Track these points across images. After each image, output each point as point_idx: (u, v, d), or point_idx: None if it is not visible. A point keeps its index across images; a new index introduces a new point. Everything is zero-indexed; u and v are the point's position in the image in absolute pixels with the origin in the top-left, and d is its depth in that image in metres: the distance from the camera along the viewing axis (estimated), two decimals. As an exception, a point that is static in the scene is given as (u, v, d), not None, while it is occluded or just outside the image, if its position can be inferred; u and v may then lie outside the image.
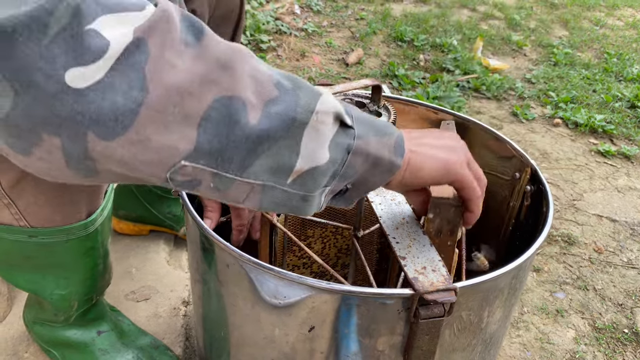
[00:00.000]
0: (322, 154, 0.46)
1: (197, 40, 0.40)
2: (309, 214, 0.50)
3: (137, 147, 0.39)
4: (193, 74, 0.39)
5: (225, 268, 0.60)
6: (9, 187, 0.66)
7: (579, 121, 2.03)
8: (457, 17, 3.11)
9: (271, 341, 0.61)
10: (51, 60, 0.35)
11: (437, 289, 0.52)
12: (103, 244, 0.78)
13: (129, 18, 0.38)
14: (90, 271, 0.78)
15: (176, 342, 0.94)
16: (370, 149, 0.49)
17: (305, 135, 0.44)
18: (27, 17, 0.35)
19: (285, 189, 0.46)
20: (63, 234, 0.71)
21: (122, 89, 0.37)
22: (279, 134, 0.43)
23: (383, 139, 0.50)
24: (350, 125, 0.48)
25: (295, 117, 0.43)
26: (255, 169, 0.44)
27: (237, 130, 0.41)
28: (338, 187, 0.50)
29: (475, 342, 0.62)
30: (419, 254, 0.57)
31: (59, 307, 0.79)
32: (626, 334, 1.17)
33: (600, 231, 1.49)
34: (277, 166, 0.44)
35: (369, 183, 0.52)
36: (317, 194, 0.48)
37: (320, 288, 0.54)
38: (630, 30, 3.26)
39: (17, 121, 0.37)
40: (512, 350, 1.10)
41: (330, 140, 0.46)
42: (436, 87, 2.16)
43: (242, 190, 0.45)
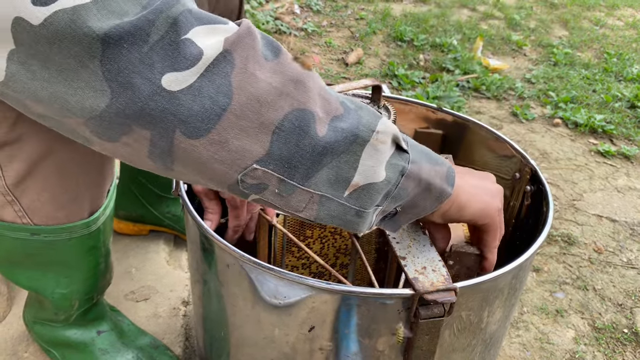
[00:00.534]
0: (379, 172, 0.49)
1: (274, 56, 0.44)
2: (361, 230, 0.52)
3: (217, 147, 0.43)
4: (271, 86, 0.43)
5: (225, 268, 0.60)
6: (13, 185, 0.66)
7: (579, 121, 2.04)
8: (457, 16, 3.11)
9: (271, 341, 0.61)
10: (150, 65, 0.40)
11: (437, 289, 0.52)
12: (105, 243, 0.78)
13: (219, 30, 0.42)
14: (91, 270, 0.78)
15: (176, 342, 0.94)
16: (423, 174, 0.52)
17: (365, 153, 0.48)
18: (132, 26, 0.39)
19: (342, 202, 0.49)
20: (65, 232, 0.71)
21: (210, 94, 0.41)
22: (342, 149, 0.46)
23: (435, 167, 0.53)
24: (406, 149, 0.51)
25: (358, 134, 0.47)
26: (317, 180, 0.47)
27: (306, 141, 0.45)
28: (389, 208, 0.53)
29: (475, 342, 0.62)
30: (419, 254, 0.57)
31: (59, 306, 0.79)
32: (626, 334, 1.17)
33: (600, 231, 1.49)
34: (336, 179, 0.47)
35: (418, 208, 0.54)
36: (370, 211, 0.51)
37: (320, 288, 0.54)
38: (630, 30, 3.26)
39: (110, 117, 0.41)
40: (512, 350, 1.10)
41: (387, 160, 0.49)
42: (436, 87, 2.16)
43: (302, 199, 0.48)
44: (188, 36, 0.41)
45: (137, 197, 1.13)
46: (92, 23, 0.38)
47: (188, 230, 0.70)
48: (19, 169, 0.64)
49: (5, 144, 0.62)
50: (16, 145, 0.63)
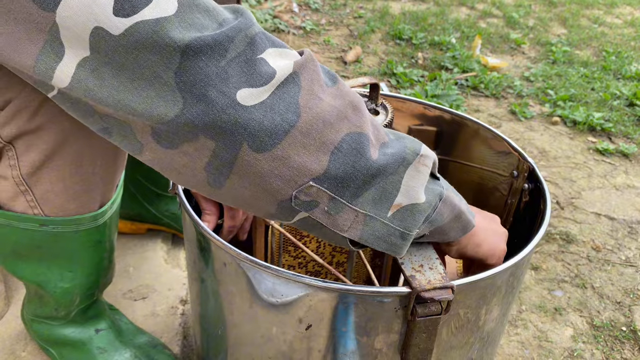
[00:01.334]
0: (420, 193, 0.51)
1: (333, 83, 0.48)
2: (400, 254, 0.54)
3: (278, 162, 0.45)
4: (333, 108, 0.46)
5: (222, 267, 0.60)
6: (27, 174, 0.66)
7: (578, 119, 2.04)
8: (455, 15, 3.11)
9: (268, 339, 0.61)
10: (226, 79, 0.41)
11: (434, 287, 0.52)
12: (110, 238, 0.79)
13: (288, 54, 0.45)
14: (95, 265, 0.78)
15: (174, 341, 0.94)
16: (455, 202, 0.55)
17: (407, 174, 0.50)
18: (213, 40, 0.40)
19: (386, 222, 0.51)
20: (73, 224, 0.71)
21: (281, 111, 0.44)
22: (390, 171, 0.49)
23: (460, 198, 0.57)
24: (438, 177, 0.54)
25: (405, 157, 0.50)
26: (363, 200, 0.49)
27: (362, 162, 0.47)
28: (424, 231, 0.55)
29: (473, 340, 0.62)
30: (416, 252, 0.56)
31: (60, 301, 0.79)
32: (624, 332, 1.17)
33: (599, 229, 1.49)
34: (380, 198, 0.49)
35: (444, 235, 0.57)
36: (413, 233, 0.52)
37: (317, 286, 0.54)
38: (628, 28, 3.26)
39: (178, 125, 0.42)
40: (510, 348, 1.10)
41: (425, 184, 0.52)
42: (434, 85, 2.16)
43: (348, 218, 0.49)
44: (263, 56, 0.43)
45: (135, 196, 1.13)
46: (174, 34, 0.39)
47: (185, 229, 0.70)
48: (35, 159, 0.65)
49: (24, 134, 0.63)
50: (35, 135, 0.63)
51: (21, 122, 0.62)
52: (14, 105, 0.61)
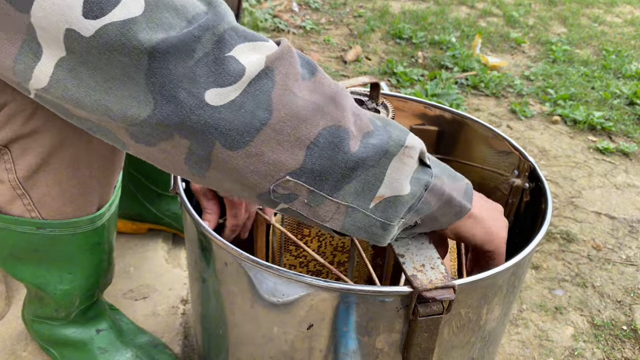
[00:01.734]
0: (404, 185, 0.50)
1: (311, 75, 0.47)
2: (382, 243, 0.54)
3: (253, 159, 0.45)
4: (309, 103, 0.45)
5: (223, 266, 0.60)
6: (24, 178, 0.66)
7: (578, 118, 2.03)
8: (455, 14, 3.11)
9: (270, 339, 0.60)
10: (194, 80, 0.41)
11: (435, 287, 0.52)
12: (109, 239, 0.78)
13: (261, 47, 0.44)
14: (94, 267, 0.78)
15: (175, 341, 0.94)
16: (445, 189, 0.53)
17: (391, 166, 0.49)
18: (179, 41, 0.40)
19: (368, 214, 0.50)
20: (71, 227, 0.71)
21: (251, 109, 0.43)
22: (371, 163, 0.48)
23: (455, 183, 0.55)
24: (429, 164, 0.52)
25: (388, 149, 0.49)
26: (344, 192, 0.48)
27: (339, 156, 0.46)
28: (411, 221, 0.54)
29: (474, 339, 0.62)
30: (417, 251, 0.56)
31: (60, 302, 0.79)
32: (625, 331, 1.17)
33: (599, 228, 1.49)
34: (362, 190, 0.49)
35: (437, 222, 0.56)
36: (395, 224, 0.52)
37: (319, 286, 0.53)
38: (628, 27, 3.26)
39: (152, 125, 0.42)
40: (511, 347, 1.10)
41: (411, 174, 0.51)
42: (435, 85, 2.16)
43: (329, 210, 0.49)
44: (232, 53, 0.42)
45: (136, 196, 1.13)
46: (141, 36, 0.39)
47: (186, 229, 0.70)
48: (31, 162, 0.64)
49: (20, 137, 0.63)
50: (30, 138, 0.63)
51: (16, 126, 0.62)
52: (8, 109, 0.60)
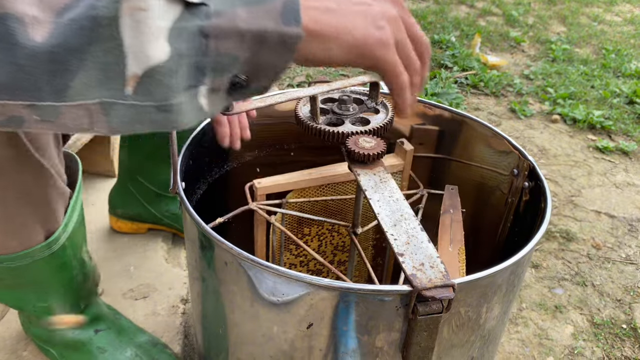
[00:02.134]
0: (158, 48, 0.37)
1: None
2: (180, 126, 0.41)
3: None
4: None
5: (223, 266, 0.60)
6: None
7: (577, 117, 2.03)
8: (455, 13, 3.11)
9: (270, 339, 0.61)
10: None
11: (435, 286, 0.52)
12: (76, 256, 0.77)
13: None
14: (67, 284, 0.77)
15: (175, 340, 0.94)
16: (240, 24, 0.39)
17: (123, 32, 0.37)
18: None
19: (130, 103, 0.39)
20: (24, 258, 0.70)
21: None
22: (84, 42, 0.36)
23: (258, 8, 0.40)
24: (200, 1, 0.39)
25: (96, 15, 0.36)
26: (78, 89, 0.38)
27: (19, 53, 0.35)
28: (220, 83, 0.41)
29: (474, 338, 0.62)
30: (417, 250, 0.56)
31: (43, 317, 0.80)
32: (624, 330, 1.17)
33: (599, 227, 1.49)
34: (104, 77, 0.38)
35: (266, 67, 0.42)
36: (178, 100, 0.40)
37: (318, 285, 0.54)
38: (628, 26, 3.26)
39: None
40: (511, 346, 1.10)
41: (168, 28, 0.37)
42: (434, 84, 2.16)
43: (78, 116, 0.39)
44: None
45: (135, 196, 1.13)
46: None
47: (186, 228, 0.70)
48: None
49: None
50: None
51: None
52: None
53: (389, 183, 0.64)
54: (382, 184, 0.64)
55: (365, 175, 0.65)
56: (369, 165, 0.66)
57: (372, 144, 0.67)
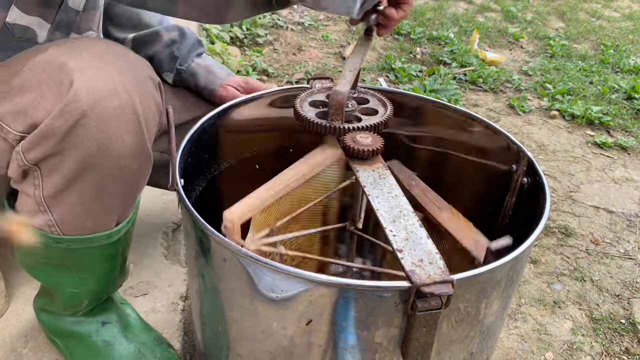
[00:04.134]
0: None
1: None
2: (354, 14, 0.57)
3: None
4: None
5: (222, 262, 0.60)
6: (49, 196, 0.67)
7: (576, 113, 2.04)
8: (453, 9, 3.10)
9: (269, 335, 0.61)
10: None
11: (434, 282, 0.52)
12: (123, 251, 0.79)
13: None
14: (106, 275, 0.79)
15: (174, 337, 0.94)
16: None
17: None
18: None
19: None
20: (88, 242, 0.72)
21: None
22: None
23: None
24: None
25: None
26: None
27: None
28: None
29: (473, 333, 0.63)
30: (416, 246, 0.57)
31: (68, 303, 0.81)
32: (623, 325, 1.17)
33: (597, 222, 1.49)
34: None
35: None
36: None
37: (317, 281, 0.54)
38: (626, 21, 3.26)
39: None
40: (510, 341, 1.11)
41: None
42: (433, 80, 2.16)
43: None
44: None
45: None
46: None
47: (185, 225, 0.70)
48: (58, 182, 0.65)
49: (49, 157, 0.64)
50: (59, 158, 0.64)
51: (47, 148, 0.63)
52: (40, 130, 0.62)
53: (388, 179, 0.64)
54: (381, 180, 0.64)
55: (364, 171, 0.65)
56: (367, 162, 0.66)
57: (369, 140, 0.67)
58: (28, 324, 0.93)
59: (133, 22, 0.94)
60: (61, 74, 0.63)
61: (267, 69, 2.15)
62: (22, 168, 0.66)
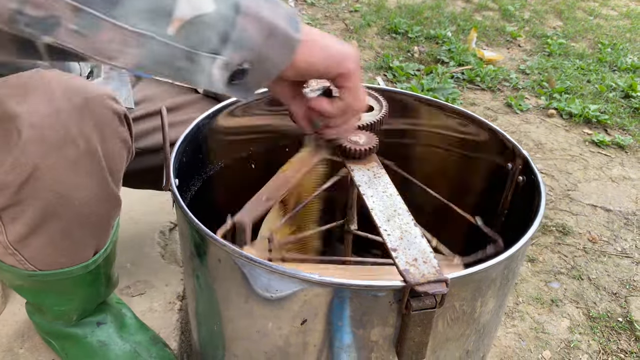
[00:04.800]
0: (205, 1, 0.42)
1: None
2: (199, 84, 0.45)
3: None
4: None
5: (217, 263, 0.60)
6: (15, 241, 0.66)
7: (573, 111, 2.04)
8: (451, 8, 3.10)
9: (264, 335, 0.61)
10: None
11: (428, 281, 0.52)
12: (106, 272, 0.79)
13: None
14: (91, 295, 0.79)
15: (171, 337, 0.94)
16: (264, 14, 0.45)
17: None
18: None
19: (167, 42, 0.42)
20: (64, 274, 0.71)
21: None
22: None
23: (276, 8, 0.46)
24: None
25: None
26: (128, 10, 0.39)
27: None
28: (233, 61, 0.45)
29: (469, 332, 0.63)
30: (410, 245, 0.56)
31: (58, 317, 0.81)
32: (620, 323, 1.18)
33: (595, 221, 1.49)
34: (154, 9, 0.40)
35: (269, 62, 0.47)
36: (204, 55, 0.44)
37: (312, 281, 0.54)
38: (624, 20, 3.26)
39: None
40: (507, 340, 1.11)
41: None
42: (431, 79, 2.16)
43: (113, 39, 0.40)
44: None
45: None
46: None
47: (180, 225, 0.70)
48: (20, 230, 0.65)
49: (8, 207, 0.62)
50: (19, 208, 0.62)
51: (3, 199, 0.61)
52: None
53: (383, 178, 0.64)
54: (376, 179, 0.64)
55: (358, 170, 0.65)
56: (362, 161, 0.66)
57: (364, 139, 0.67)
58: (25, 324, 0.93)
59: None
60: (9, 123, 0.58)
61: (265, 69, 2.15)
62: None
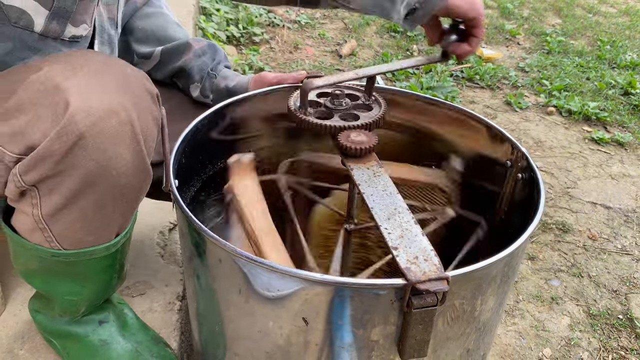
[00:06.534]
0: None
1: None
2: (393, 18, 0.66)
3: None
4: None
5: (217, 263, 0.60)
6: (48, 215, 0.67)
7: (573, 109, 2.04)
8: (450, 6, 3.10)
9: (266, 334, 0.61)
10: None
11: (429, 279, 0.52)
12: (121, 260, 0.79)
13: None
14: (104, 284, 0.80)
15: (171, 337, 0.94)
16: None
17: None
18: None
19: None
20: (87, 255, 0.72)
21: None
22: None
23: None
24: None
25: None
26: None
27: None
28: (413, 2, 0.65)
29: (469, 330, 0.63)
30: (411, 244, 0.56)
31: (65, 308, 0.81)
32: (621, 320, 1.18)
33: (595, 218, 1.49)
34: None
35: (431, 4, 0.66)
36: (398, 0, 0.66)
37: (313, 280, 0.54)
38: (623, 17, 3.26)
39: None
40: (508, 338, 1.11)
41: None
42: (430, 78, 2.16)
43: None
44: None
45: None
46: None
47: (180, 226, 0.70)
48: (56, 202, 0.65)
49: (48, 178, 0.64)
50: (58, 179, 0.63)
51: (45, 170, 0.63)
52: (37, 153, 0.62)
53: (382, 177, 0.64)
54: (376, 177, 0.64)
55: (358, 169, 0.65)
56: (362, 160, 0.66)
57: (363, 138, 0.67)
58: (25, 325, 0.93)
59: (157, 36, 0.94)
60: (56, 96, 0.62)
61: (264, 68, 2.14)
62: (19, 189, 0.66)
